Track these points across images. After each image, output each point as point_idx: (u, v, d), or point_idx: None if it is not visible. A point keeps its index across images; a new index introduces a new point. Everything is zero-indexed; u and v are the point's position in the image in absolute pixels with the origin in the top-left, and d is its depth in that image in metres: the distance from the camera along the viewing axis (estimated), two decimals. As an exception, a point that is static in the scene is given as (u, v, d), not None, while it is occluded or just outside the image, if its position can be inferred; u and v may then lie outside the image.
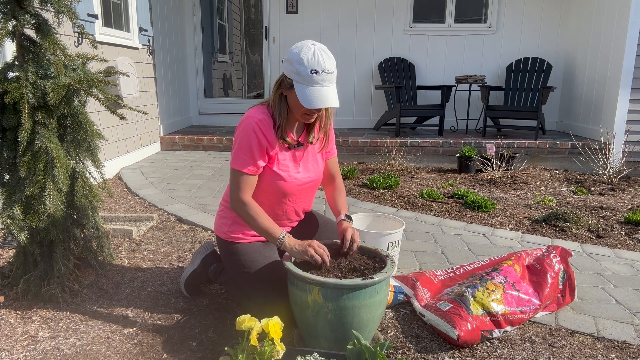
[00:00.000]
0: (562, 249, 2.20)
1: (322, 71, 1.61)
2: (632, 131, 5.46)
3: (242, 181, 1.76)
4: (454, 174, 5.00)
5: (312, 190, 1.96)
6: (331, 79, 1.65)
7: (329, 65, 1.62)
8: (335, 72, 1.66)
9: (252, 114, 1.77)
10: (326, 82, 1.63)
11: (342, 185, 2.06)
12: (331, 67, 1.63)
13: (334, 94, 1.64)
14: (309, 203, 2.01)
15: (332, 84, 1.66)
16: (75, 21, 1.98)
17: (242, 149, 1.74)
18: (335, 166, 2.04)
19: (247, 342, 1.36)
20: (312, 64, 1.60)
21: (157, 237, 2.91)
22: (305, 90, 1.62)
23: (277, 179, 1.81)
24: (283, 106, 1.76)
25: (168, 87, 6.02)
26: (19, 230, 1.89)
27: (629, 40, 5.27)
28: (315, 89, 1.62)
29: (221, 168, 4.84)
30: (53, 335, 1.83)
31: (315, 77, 1.61)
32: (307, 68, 1.60)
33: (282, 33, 6.81)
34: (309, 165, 1.89)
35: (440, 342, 1.83)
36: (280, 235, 1.72)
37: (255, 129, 1.73)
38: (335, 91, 1.66)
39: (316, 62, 1.60)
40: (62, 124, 2.04)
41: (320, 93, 1.62)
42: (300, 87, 1.63)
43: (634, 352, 1.82)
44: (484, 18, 6.79)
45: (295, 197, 1.90)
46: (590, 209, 3.70)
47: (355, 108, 6.98)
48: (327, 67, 1.62)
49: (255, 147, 1.73)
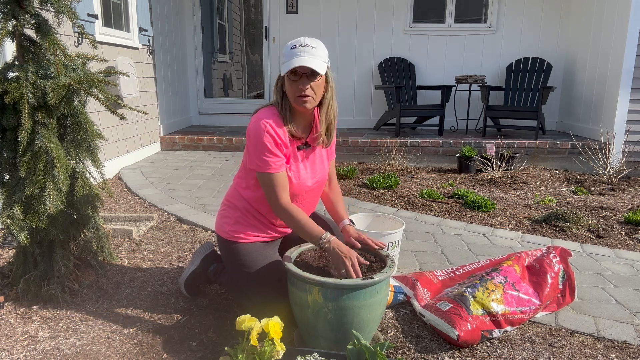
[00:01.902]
0: (561, 249, 2.20)
1: (300, 45, 1.68)
2: (632, 131, 5.46)
3: (275, 182, 1.75)
4: (454, 174, 5.00)
5: (318, 191, 1.97)
6: (312, 52, 1.67)
7: (309, 41, 1.69)
8: (317, 48, 1.69)
9: (261, 116, 1.77)
10: (304, 53, 1.67)
11: (338, 186, 2.09)
12: (311, 43, 1.69)
13: (310, 58, 1.66)
14: (315, 204, 2.01)
15: (313, 56, 1.67)
16: (75, 21, 1.98)
17: (262, 150, 1.73)
18: (332, 168, 2.06)
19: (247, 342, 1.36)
20: (293, 42, 1.70)
21: (157, 237, 2.91)
22: (287, 62, 1.68)
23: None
24: (285, 102, 1.78)
25: (168, 87, 6.02)
26: (19, 230, 1.89)
27: (629, 40, 5.27)
28: (295, 58, 1.67)
29: (221, 168, 4.83)
30: (53, 335, 1.83)
31: (293, 50, 1.68)
32: (288, 47, 1.70)
33: (282, 33, 6.81)
34: (316, 167, 1.90)
35: (440, 342, 1.83)
36: (322, 236, 1.69)
37: (269, 129, 1.73)
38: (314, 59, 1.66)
39: (297, 40, 1.70)
40: (62, 124, 2.04)
41: (297, 60, 1.66)
42: (284, 65, 1.69)
43: (634, 352, 1.82)
44: (484, 18, 6.79)
45: (302, 198, 1.90)
46: (590, 209, 3.70)
47: (355, 108, 6.98)
48: (306, 42, 1.68)
49: (273, 145, 1.74)
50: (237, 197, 1.94)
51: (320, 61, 1.67)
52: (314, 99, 1.73)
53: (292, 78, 1.69)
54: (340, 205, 2.02)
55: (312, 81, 1.68)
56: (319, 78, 1.70)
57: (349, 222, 1.92)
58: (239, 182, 1.95)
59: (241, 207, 1.92)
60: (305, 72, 1.67)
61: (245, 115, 6.93)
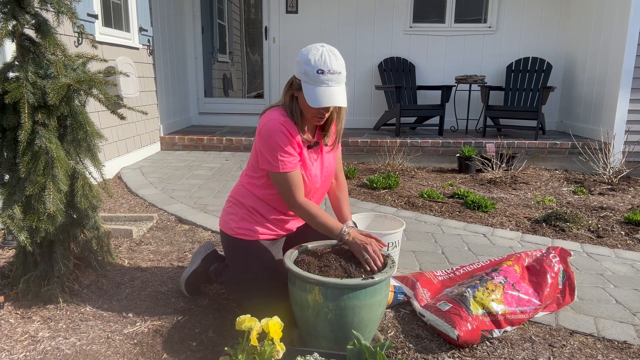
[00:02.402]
0: (561, 249, 2.20)
1: (328, 71, 1.63)
2: (632, 131, 5.46)
3: (290, 181, 1.76)
4: (454, 174, 5.00)
5: (327, 185, 2.00)
6: (338, 79, 1.66)
7: (336, 66, 1.65)
8: (343, 73, 1.68)
9: (273, 117, 1.77)
10: (333, 82, 1.65)
11: (345, 184, 2.09)
12: (338, 68, 1.65)
13: (341, 94, 1.67)
14: (323, 197, 2.03)
15: (339, 84, 1.68)
16: (75, 21, 1.98)
17: (277, 150, 1.74)
18: (339, 161, 2.06)
19: (247, 342, 1.36)
20: (319, 64, 1.63)
21: (157, 237, 2.91)
22: (313, 90, 1.65)
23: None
24: (295, 107, 1.78)
25: (168, 87, 6.02)
26: (19, 230, 1.89)
27: (629, 40, 5.26)
28: (322, 88, 1.64)
29: (221, 168, 4.83)
30: (53, 335, 1.83)
31: (321, 77, 1.63)
32: (313, 68, 1.63)
33: (282, 33, 6.81)
34: (325, 163, 1.92)
35: (440, 342, 1.83)
36: (341, 229, 1.73)
37: (282, 129, 1.74)
38: (343, 91, 1.69)
39: (323, 62, 1.63)
40: (62, 124, 2.04)
41: (326, 92, 1.64)
42: (308, 87, 1.66)
43: (634, 352, 1.82)
44: (484, 18, 6.79)
45: (314, 194, 1.93)
46: (590, 209, 3.70)
47: (355, 108, 6.98)
48: (333, 68, 1.64)
49: (287, 145, 1.74)
50: (244, 194, 1.94)
51: (345, 91, 1.69)
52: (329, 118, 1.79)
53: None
54: (346, 207, 2.03)
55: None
56: None
57: (352, 224, 1.94)
58: (247, 180, 1.95)
59: (247, 205, 1.93)
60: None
61: (245, 115, 6.92)
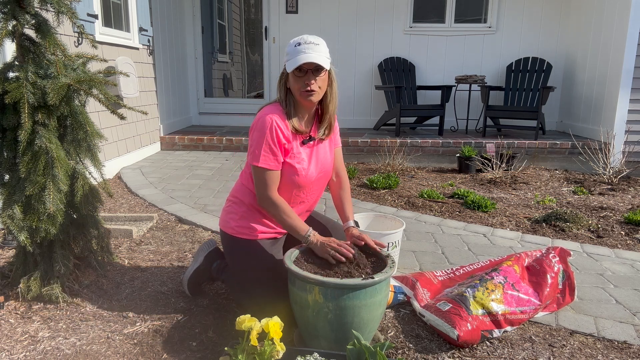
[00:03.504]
0: (561, 249, 2.20)
1: (304, 42, 1.73)
2: (632, 131, 5.46)
3: (267, 178, 1.80)
4: (454, 174, 5.00)
5: (324, 181, 2.00)
6: (316, 49, 1.73)
7: (312, 39, 1.75)
8: (320, 45, 1.75)
9: (265, 112, 1.82)
10: (310, 50, 1.72)
11: (347, 182, 2.09)
12: (314, 40, 1.74)
13: (318, 55, 1.72)
14: (320, 193, 2.03)
15: (316, 52, 1.73)
16: (75, 21, 1.98)
17: (262, 145, 1.78)
18: (339, 158, 2.07)
19: (247, 342, 1.36)
20: (297, 40, 1.76)
21: (157, 237, 2.91)
22: (292, 60, 1.73)
23: (292, 173, 1.84)
24: (289, 97, 1.83)
25: (168, 87, 6.02)
26: (19, 230, 1.89)
27: (629, 40, 5.27)
28: (300, 55, 1.72)
29: (221, 168, 4.83)
30: (53, 335, 1.83)
31: (298, 47, 1.73)
32: (292, 44, 1.76)
33: (282, 33, 6.81)
34: (320, 158, 1.93)
35: (440, 342, 1.83)
36: (307, 232, 1.78)
37: (272, 125, 1.77)
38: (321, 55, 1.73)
39: (300, 38, 1.76)
40: (62, 124, 2.04)
41: (303, 56, 1.71)
42: (289, 62, 1.74)
43: (634, 352, 1.82)
44: (484, 18, 6.79)
45: (309, 189, 1.93)
46: (590, 209, 3.70)
47: (355, 108, 6.98)
48: (309, 40, 1.74)
49: (274, 142, 1.78)
50: (244, 192, 1.95)
51: (324, 57, 1.75)
52: (318, 93, 1.79)
53: (297, 74, 1.75)
54: (348, 206, 2.04)
55: (317, 76, 1.75)
56: (323, 73, 1.77)
57: (353, 224, 1.95)
58: (246, 177, 1.96)
59: (247, 203, 1.93)
60: (311, 67, 1.73)
61: (245, 115, 6.93)
